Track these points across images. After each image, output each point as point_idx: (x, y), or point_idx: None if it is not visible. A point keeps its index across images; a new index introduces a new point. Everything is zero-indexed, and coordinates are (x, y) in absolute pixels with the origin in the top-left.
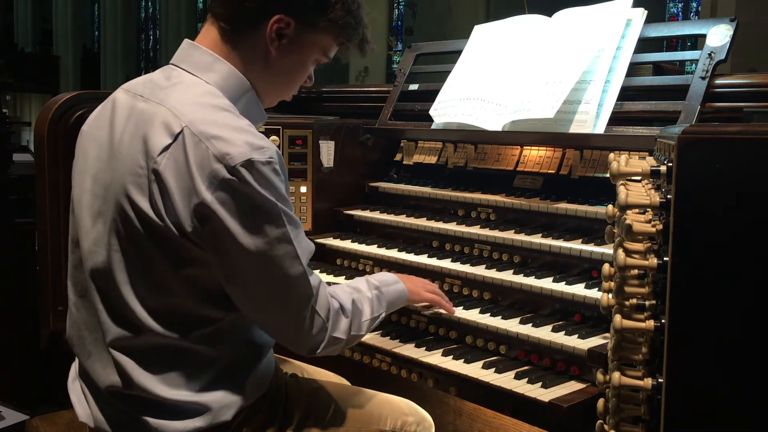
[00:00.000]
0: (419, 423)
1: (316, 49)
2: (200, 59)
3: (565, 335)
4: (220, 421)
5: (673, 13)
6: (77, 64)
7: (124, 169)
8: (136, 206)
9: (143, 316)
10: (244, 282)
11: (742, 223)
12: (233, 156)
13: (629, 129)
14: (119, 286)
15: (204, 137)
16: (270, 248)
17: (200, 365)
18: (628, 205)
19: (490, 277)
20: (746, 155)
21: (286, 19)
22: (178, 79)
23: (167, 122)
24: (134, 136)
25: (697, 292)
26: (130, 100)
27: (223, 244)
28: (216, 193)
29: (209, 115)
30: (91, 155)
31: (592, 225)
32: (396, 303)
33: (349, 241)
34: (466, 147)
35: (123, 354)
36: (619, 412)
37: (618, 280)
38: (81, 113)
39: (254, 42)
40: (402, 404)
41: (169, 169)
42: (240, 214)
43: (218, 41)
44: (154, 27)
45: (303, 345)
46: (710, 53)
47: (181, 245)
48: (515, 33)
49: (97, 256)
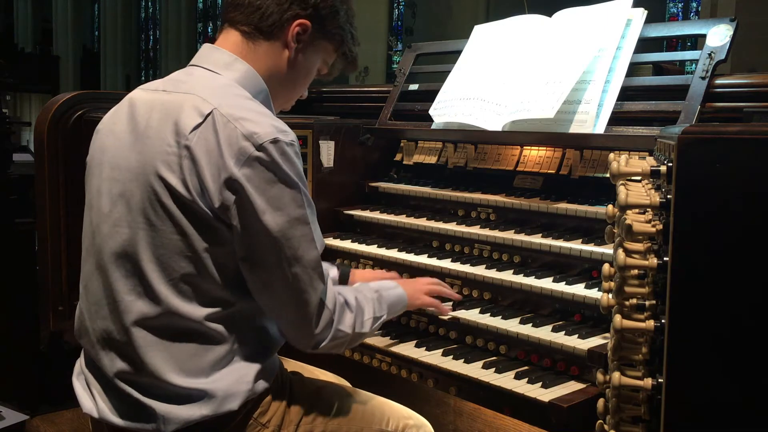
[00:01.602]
0: (420, 428)
1: (322, 56)
2: (220, 58)
3: (565, 335)
4: (226, 410)
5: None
6: (77, 64)
7: (153, 151)
8: (166, 182)
9: (163, 293)
10: (260, 260)
11: (742, 223)
12: (260, 134)
13: (629, 129)
14: (142, 264)
15: (232, 118)
16: (289, 227)
17: (211, 351)
18: (628, 205)
19: (490, 277)
20: (746, 155)
21: (305, 24)
22: (200, 74)
23: (196, 105)
24: (163, 121)
25: (697, 292)
26: (150, 95)
27: (247, 219)
28: (243, 169)
29: (236, 101)
30: (109, 147)
31: (592, 225)
32: (396, 306)
33: (349, 241)
34: (466, 147)
35: (141, 333)
36: (619, 412)
37: (618, 280)
38: (81, 113)
39: (274, 45)
40: (401, 409)
41: (199, 146)
42: (265, 190)
43: (239, 43)
44: (154, 27)
45: (308, 336)
46: (710, 53)
47: (207, 220)
48: (515, 33)
49: (118, 237)
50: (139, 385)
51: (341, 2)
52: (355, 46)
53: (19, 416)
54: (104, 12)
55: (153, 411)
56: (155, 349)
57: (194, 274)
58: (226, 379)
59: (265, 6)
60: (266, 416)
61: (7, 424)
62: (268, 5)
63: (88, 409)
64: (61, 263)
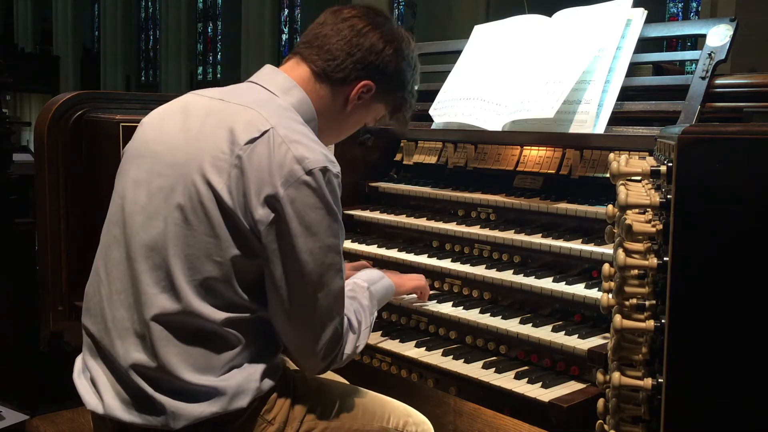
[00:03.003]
0: (419, 425)
1: (374, 113)
2: (281, 82)
3: (565, 335)
4: (235, 407)
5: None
6: (77, 64)
7: (203, 152)
8: (211, 184)
9: (185, 291)
10: (286, 282)
11: (742, 222)
12: (311, 160)
13: (629, 129)
14: (169, 259)
15: (288, 140)
16: (321, 253)
17: (225, 353)
18: (628, 205)
19: (490, 277)
20: (746, 155)
21: (370, 85)
22: (259, 91)
23: (255, 120)
24: (217, 127)
25: (697, 292)
26: (206, 100)
27: (281, 239)
28: (288, 190)
29: (292, 124)
30: (155, 140)
31: (592, 225)
32: (385, 298)
33: (349, 241)
34: (466, 147)
35: (159, 328)
36: (619, 412)
37: (618, 280)
38: (81, 113)
39: (336, 92)
40: (402, 407)
41: (251, 160)
42: (305, 214)
43: (305, 78)
44: (154, 27)
45: (316, 363)
46: (710, 53)
47: (243, 231)
48: (515, 33)
49: (152, 229)
50: (152, 379)
51: (412, 74)
52: (410, 112)
53: (19, 416)
54: (104, 12)
55: (163, 407)
56: (171, 344)
57: (218, 279)
58: (236, 378)
59: (342, 59)
60: (272, 413)
61: (7, 424)
62: (345, 59)
63: (92, 406)
64: (61, 263)
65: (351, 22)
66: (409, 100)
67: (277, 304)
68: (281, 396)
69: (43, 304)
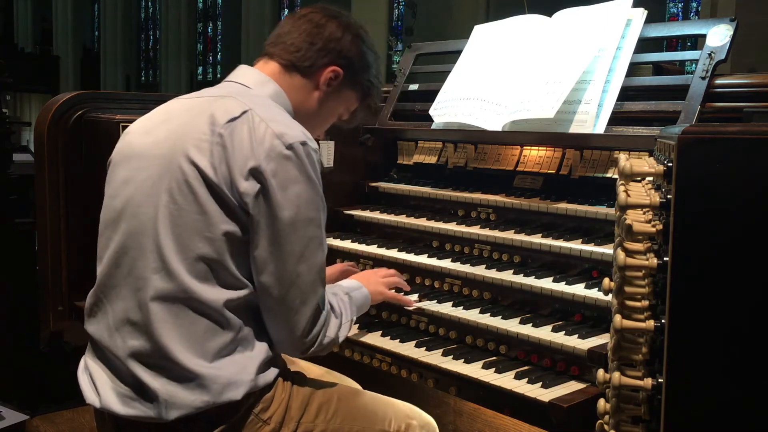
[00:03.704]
0: (422, 426)
1: (345, 102)
2: (255, 77)
3: (565, 335)
4: (227, 398)
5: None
6: (77, 64)
7: (186, 138)
8: (195, 164)
9: (178, 270)
10: (269, 254)
11: (742, 223)
12: (291, 135)
13: (629, 129)
14: (160, 239)
15: (266, 119)
16: (302, 225)
17: (219, 335)
18: (628, 205)
19: (490, 277)
20: (746, 155)
21: (338, 71)
22: (235, 86)
23: (233, 105)
24: (198, 115)
25: (697, 292)
26: (187, 101)
27: (264, 211)
28: (270, 164)
29: (270, 107)
30: (139, 143)
31: (592, 225)
32: (363, 307)
33: (349, 241)
34: (466, 147)
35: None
36: (619, 412)
37: (618, 280)
38: (81, 113)
39: (307, 83)
40: (405, 407)
41: (232, 136)
42: (287, 187)
43: (276, 71)
44: (154, 27)
45: (298, 342)
46: (710, 53)
47: (231, 207)
48: (515, 33)
49: (142, 216)
50: (148, 363)
51: (374, 59)
52: (378, 99)
53: (19, 416)
54: (104, 12)
55: (156, 395)
56: (167, 325)
57: (210, 257)
58: (228, 368)
59: (305, 49)
60: (268, 413)
61: (7, 424)
62: (308, 49)
63: (91, 400)
64: (61, 263)
65: (308, 17)
66: (375, 85)
67: (261, 277)
68: (278, 395)
69: (43, 304)
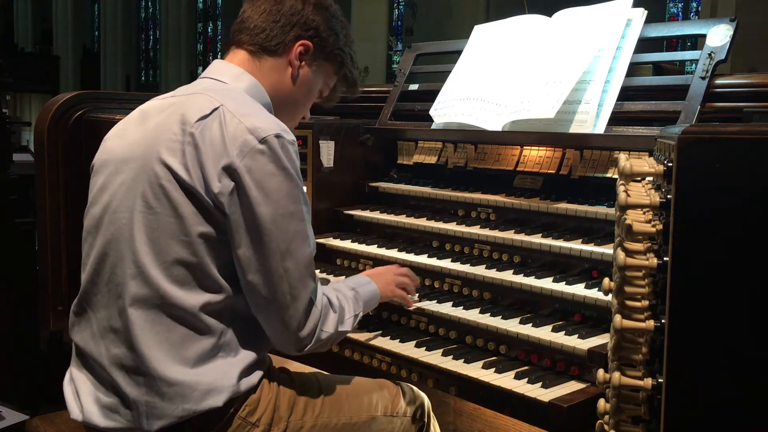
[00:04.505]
0: (410, 403)
1: (323, 77)
2: (230, 71)
3: (565, 335)
4: (208, 406)
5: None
6: (77, 64)
7: (158, 140)
8: (168, 166)
9: (155, 275)
10: (252, 253)
11: (742, 223)
12: (264, 129)
13: (629, 129)
14: (136, 245)
15: (238, 113)
16: (284, 220)
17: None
18: (628, 205)
19: (490, 277)
20: (746, 155)
21: (307, 44)
22: (209, 82)
23: (204, 102)
24: (170, 116)
25: (697, 292)
26: (160, 101)
27: (242, 208)
28: (244, 160)
29: (242, 101)
30: (116, 147)
31: (592, 225)
32: (371, 303)
33: (349, 241)
34: (466, 147)
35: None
36: (619, 413)
37: (618, 280)
38: (81, 113)
39: (278, 62)
40: (391, 390)
41: (204, 135)
42: (263, 182)
43: (245, 60)
44: (154, 27)
45: (295, 338)
46: (710, 53)
47: (206, 207)
48: (515, 33)
49: (118, 222)
50: (129, 374)
51: (341, 27)
52: (354, 69)
53: (19, 416)
54: (104, 12)
55: (137, 405)
56: (146, 331)
57: (187, 261)
58: (208, 375)
59: (269, 28)
60: (255, 415)
61: (7, 424)
62: (272, 28)
63: (75, 414)
64: (61, 263)
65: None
66: (348, 51)
67: (246, 277)
68: (265, 397)
69: (43, 304)
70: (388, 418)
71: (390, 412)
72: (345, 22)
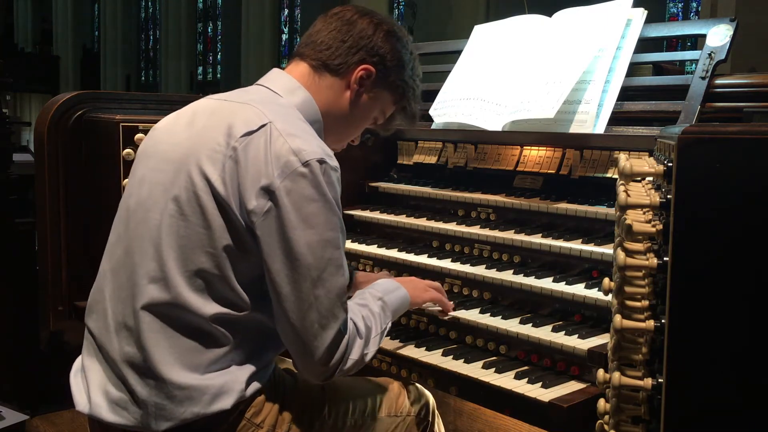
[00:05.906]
0: (414, 402)
1: (380, 104)
2: (286, 83)
3: (565, 335)
4: (217, 409)
5: (673, 13)
6: (77, 64)
7: (201, 146)
8: (206, 175)
9: (176, 281)
10: (284, 276)
11: (742, 223)
12: (308, 152)
13: (629, 129)
14: (162, 248)
15: (285, 133)
16: (318, 247)
17: (211, 351)
18: (628, 205)
19: (490, 277)
20: (746, 155)
21: (369, 69)
22: (264, 92)
23: (253, 115)
24: (218, 123)
25: (697, 292)
26: (214, 102)
27: (276, 231)
28: (285, 182)
29: (291, 121)
30: (163, 141)
31: (592, 225)
32: (400, 309)
33: (349, 241)
34: (466, 147)
35: (148, 319)
36: (619, 413)
37: (618, 280)
38: (81, 113)
39: (337, 82)
40: (394, 390)
41: (247, 151)
42: (301, 206)
43: (305, 74)
44: (154, 27)
45: (318, 370)
46: (710, 53)
47: (236, 224)
48: (515, 33)
49: (150, 222)
50: (139, 374)
51: (410, 59)
52: (416, 102)
53: (19, 416)
54: (104, 12)
55: (146, 405)
56: (158, 336)
57: (211, 272)
58: (218, 380)
59: (336, 47)
60: (260, 416)
61: (7, 424)
62: (338, 47)
63: (81, 406)
64: (61, 263)
65: (339, 15)
66: (411, 85)
67: (277, 301)
68: (270, 398)
69: (43, 304)
70: (392, 419)
71: (394, 413)
72: (416, 55)
